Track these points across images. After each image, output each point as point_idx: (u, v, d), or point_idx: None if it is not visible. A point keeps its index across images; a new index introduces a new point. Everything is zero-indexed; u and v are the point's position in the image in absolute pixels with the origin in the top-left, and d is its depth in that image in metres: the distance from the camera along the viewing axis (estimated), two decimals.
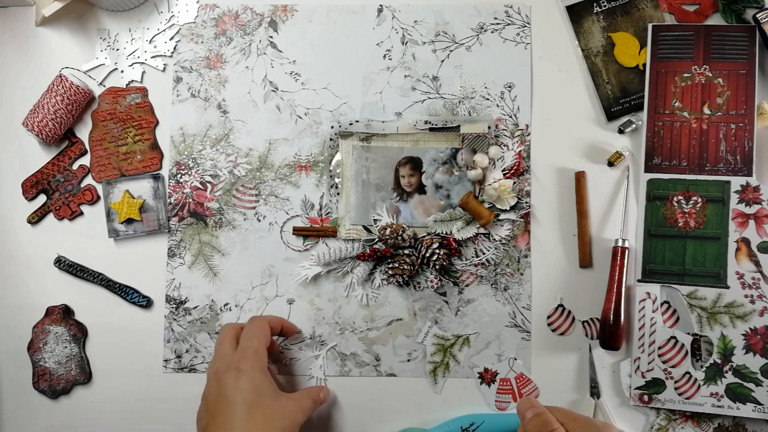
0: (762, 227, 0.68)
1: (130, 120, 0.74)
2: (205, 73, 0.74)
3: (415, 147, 0.72)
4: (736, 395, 0.67)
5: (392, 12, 0.74)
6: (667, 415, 0.68)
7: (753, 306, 0.67)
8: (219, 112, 0.74)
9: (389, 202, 0.72)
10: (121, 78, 0.75)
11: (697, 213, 0.69)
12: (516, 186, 0.71)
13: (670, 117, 0.70)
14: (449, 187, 0.71)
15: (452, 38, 0.74)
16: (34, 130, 0.71)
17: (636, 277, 0.69)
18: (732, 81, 0.70)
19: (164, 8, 0.75)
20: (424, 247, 0.70)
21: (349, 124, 0.72)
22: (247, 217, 0.72)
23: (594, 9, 0.74)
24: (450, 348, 0.71)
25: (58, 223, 0.73)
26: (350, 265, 0.71)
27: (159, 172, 0.73)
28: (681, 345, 0.68)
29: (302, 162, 0.73)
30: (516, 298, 0.71)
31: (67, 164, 0.74)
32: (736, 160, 0.69)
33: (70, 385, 0.71)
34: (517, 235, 0.71)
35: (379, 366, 0.71)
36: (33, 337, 0.72)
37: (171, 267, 0.72)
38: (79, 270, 0.72)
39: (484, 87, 0.73)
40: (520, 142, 0.72)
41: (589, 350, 0.69)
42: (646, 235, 0.70)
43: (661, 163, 0.70)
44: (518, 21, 0.74)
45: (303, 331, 0.71)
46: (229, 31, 0.75)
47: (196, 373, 0.71)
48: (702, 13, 0.73)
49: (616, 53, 0.73)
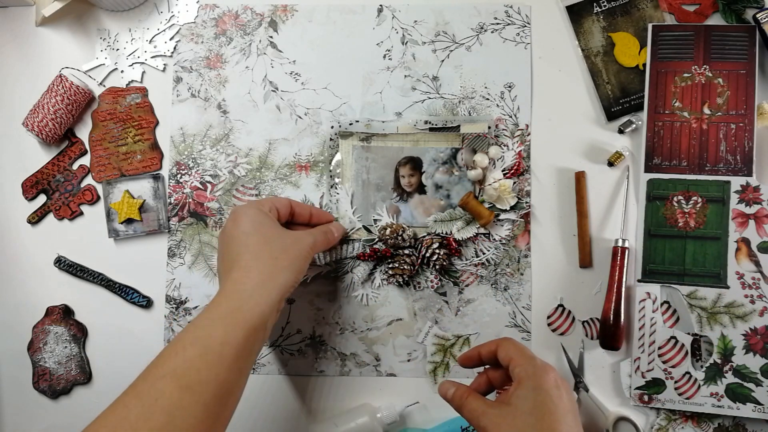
0: (762, 227, 0.68)
1: (130, 120, 0.74)
2: (205, 73, 0.74)
3: (415, 147, 0.72)
4: (736, 395, 0.67)
5: (392, 12, 0.74)
6: (667, 415, 0.68)
7: (753, 306, 0.67)
8: (219, 112, 0.74)
9: (389, 202, 0.72)
10: (121, 78, 0.75)
11: (697, 213, 0.69)
12: (516, 186, 0.71)
13: (670, 117, 0.70)
14: (449, 187, 0.71)
15: (452, 38, 0.74)
16: (34, 130, 0.71)
17: (636, 277, 0.69)
18: (732, 81, 0.70)
19: (164, 8, 0.75)
20: (424, 247, 0.70)
21: (349, 124, 0.72)
22: None
23: (594, 9, 0.74)
24: (450, 348, 0.71)
25: (58, 223, 0.73)
26: (350, 265, 0.71)
27: (159, 172, 0.73)
28: (681, 345, 0.68)
29: (302, 162, 0.73)
30: (516, 298, 0.71)
31: (67, 164, 0.74)
32: (736, 160, 0.69)
33: (70, 385, 0.71)
34: (517, 235, 0.71)
35: (380, 366, 0.71)
36: (33, 337, 0.72)
37: (171, 267, 0.72)
38: (79, 270, 0.72)
39: (484, 87, 0.73)
40: (520, 142, 0.72)
41: (564, 351, 0.69)
42: (646, 235, 0.70)
43: (661, 163, 0.70)
44: (518, 21, 0.74)
45: (303, 329, 0.71)
46: (229, 31, 0.75)
47: None
48: (702, 13, 0.73)
49: (616, 53, 0.73)
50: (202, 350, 0.51)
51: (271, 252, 0.57)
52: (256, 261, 0.56)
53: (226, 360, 0.51)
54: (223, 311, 0.53)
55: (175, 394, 0.48)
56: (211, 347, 0.51)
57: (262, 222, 0.59)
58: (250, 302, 0.54)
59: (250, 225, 0.58)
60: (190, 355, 0.50)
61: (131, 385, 0.50)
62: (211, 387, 0.50)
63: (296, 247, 0.59)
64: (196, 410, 0.49)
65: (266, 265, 0.56)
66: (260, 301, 0.54)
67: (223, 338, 0.52)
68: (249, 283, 0.55)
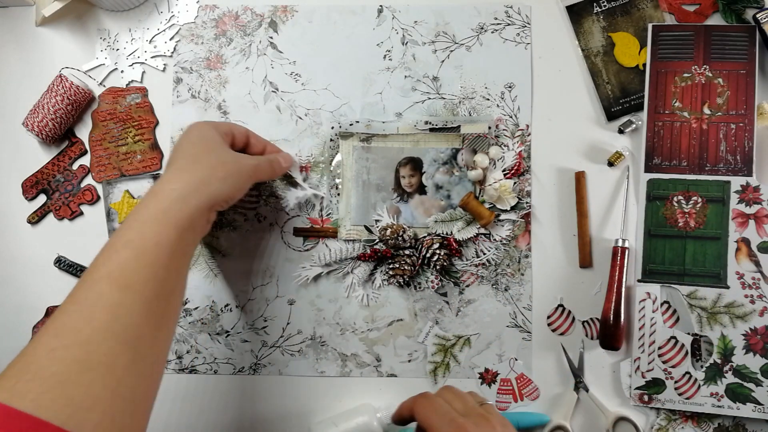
0: (762, 227, 0.68)
1: (130, 120, 0.74)
2: (205, 74, 0.74)
3: (416, 147, 0.72)
4: (736, 395, 0.67)
5: (392, 12, 0.74)
6: (667, 415, 0.68)
7: (753, 306, 0.67)
8: (219, 112, 0.74)
9: (390, 202, 0.72)
10: (121, 78, 0.75)
11: (697, 213, 0.69)
12: (516, 186, 0.71)
13: (670, 117, 0.71)
14: (450, 188, 0.71)
15: (452, 38, 0.74)
16: (34, 130, 0.71)
17: (636, 277, 0.69)
18: (732, 81, 0.70)
19: (164, 8, 0.75)
20: (424, 247, 0.70)
21: (350, 124, 0.72)
22: (247, 218, 0.72)
23: (594, 9, 0.74)
24: (451, 348, 0.71)
25: (58, 223, 0.73)
26: (351, 265, 0.71)
27: (159, 173, 0.73)
28: (681, 345, 0.68)
29: (303, 162, 0.73)
30: (517, 298, 0.71)
31: (67, 164, 0.74)
32: (736, 160, 0.69)
33: None
34: (518, 236, 0.71)
35: (380, 366, 0.71)
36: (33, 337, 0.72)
37: None
38: (79, 270, 0.72)
39: (485, 87, 0.73)
40: (520, 142, 0.72)
41: (564, 351, 0.70)
42: (646, 235, 0.70)
43: (661, 163, 0.70)
44: (518, 21, 0.74)
45: (304, 330, 0.71)
46: (229, 31, 0.75)
47: (197, 374, 0.71)
48: (702, 13, 0.73)
49: (616, 53, 0.73)
50: (137, 251, 0.50)
51: (209, 161, 0.57)
52: (192, 165, 0.56)
53: (161, 259, 0.51)
54: (152, 212, 0.52)
55: (115, 294, 0.48)
56: (145, 247, 0.50)
57: (211, 138, 0.59)
58: (179, 203, 0.53)
59: (198, 137, 0.59)
60: (125, 257, 0.49)
61: (69, 294, 0.49)
62: (151, 285, 0.49)
63: (236, 165, 0.59)
64: (139, 308, 0.48)
65: (201, 171, 0.56)
66: (189, 204, 0.53)
67: (156, 238, 0.51)
68: (179, 184, 0.54)
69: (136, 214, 0.53)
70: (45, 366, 0.44)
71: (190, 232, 0.54)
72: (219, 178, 0.56)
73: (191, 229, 0.54)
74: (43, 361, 0.44)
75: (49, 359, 0.44)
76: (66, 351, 0.45)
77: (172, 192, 0.54)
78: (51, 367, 0.44)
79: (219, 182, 0.56)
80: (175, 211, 0.53)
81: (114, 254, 0.50)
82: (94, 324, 0.46)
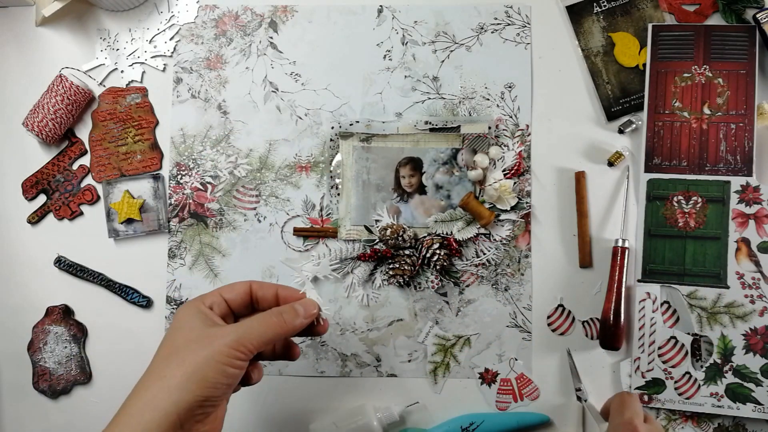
0: (762, 227, 0.68)
1: (130, 120, 0.74)
2: (205, 73, 0.74)
3: (416, 147, 0.72)
4: (736, 395, 0.67)
5: (392, 12, 0.74)
6: (667, 415, 0.68)
7: (753, 306, 0.67)
8: (219, 112, 0.74)
9: (390, 202, 0.72)
10: (121, 78, 0.75)
11: (697, 213, 0.69)
12: (516, 186, 0.71)
13: (670, 117, 0.71)
14: (450, 188, 0.71)
15: (452, 38, 0.74)
16: (34, 130, 0.71)
17: (636, 277, 0.69)
18: (732, 81, 0.70)
19: (164, 8, 0.75)
20: (424, 247, 0.70)
21: (350, 124, 0.72)
22: (247, 218, 0.72)
23: (594, 9, 0.74)
24: (451, 348, 0.71)
25: (58, 223, 0.73)
26: (351, 265, 0.71)
27: (159, 172, 0.73)
28: (681, 345, 0.68)
29: (302, 162, 0.73)
30: (517, 298, 0.71)
31: (67, 164, 0.74)
32: (736, 160, 0.69)
33: (70, 385, 0.71)
34: (518, 236, 0.71)
35: (380, 366, 0.71)
36: (33, 337, 0.72)
37: (171, 268, 0.72)
38: (79, 270, 0.72)
39: (485, 87, 0.73)
40: (520, 142, 0.72)
41: (569, 355, 0.69)
42: (646, 235, 0.70)
43: (661, 163, 0.70)
44: (518, 21, 0.74)
45: None
46: (229, 31, 0.75)
47: None
48: (702, 13, 0.73)
49: (616, 53, 0.73)
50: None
51: (168, 365, 0.48)
52: (150, 375, 0.49)
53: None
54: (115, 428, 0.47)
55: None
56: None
57: (189, 323, 0.50)
58: (131, 423, 0.46)
59: (175, 326, 0.51)
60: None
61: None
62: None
63: (202, 354, 0.48)
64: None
65: (156, 383, 0.48)
66: (139, 427, 0.46)
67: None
68: (137, 400, 0.48)
69: (113, 423, 0.48)
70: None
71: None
72: (173, 387, 0.47)
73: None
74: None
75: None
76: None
77: (128, 407, 0.48)
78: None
79: (175, 392, 0.47)
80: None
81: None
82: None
